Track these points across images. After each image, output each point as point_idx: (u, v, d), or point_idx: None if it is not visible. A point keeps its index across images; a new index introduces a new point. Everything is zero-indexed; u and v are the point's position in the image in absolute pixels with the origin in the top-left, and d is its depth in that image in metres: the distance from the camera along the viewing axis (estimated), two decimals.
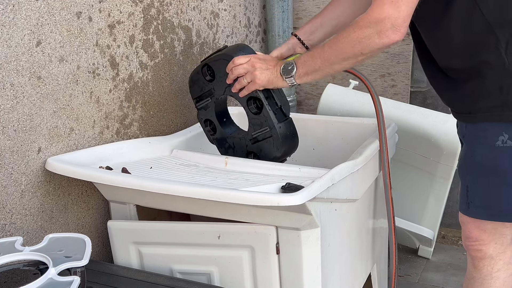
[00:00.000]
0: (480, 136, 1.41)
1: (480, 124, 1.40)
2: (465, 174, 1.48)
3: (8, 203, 1.38)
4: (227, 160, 1.60)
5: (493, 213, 1.44)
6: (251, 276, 1.43)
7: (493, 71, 1.35)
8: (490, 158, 1.39)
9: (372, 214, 1.79)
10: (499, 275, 1.51)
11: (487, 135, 1.38)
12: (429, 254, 2.59)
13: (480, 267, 1.53)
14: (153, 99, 1.85)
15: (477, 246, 1.51)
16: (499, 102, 1.35)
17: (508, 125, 1.35)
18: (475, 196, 1.45)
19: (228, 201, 1.26)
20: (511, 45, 1.32)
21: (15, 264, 1.15)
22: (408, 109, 2.31)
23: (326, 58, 1.40)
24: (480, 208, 1.46)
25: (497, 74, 1.34)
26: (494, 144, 1.36)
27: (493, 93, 1.36)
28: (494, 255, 1.50)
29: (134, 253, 1.52)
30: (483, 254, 1.51)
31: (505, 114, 1.35)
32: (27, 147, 1.41)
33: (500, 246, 1.50)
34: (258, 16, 2.54)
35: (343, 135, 1.92)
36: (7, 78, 1.33)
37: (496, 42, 1.32)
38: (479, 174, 1.43)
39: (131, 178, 1.42)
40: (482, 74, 1.36)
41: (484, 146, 1.40)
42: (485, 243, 1.50)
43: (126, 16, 1.69)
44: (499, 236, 1.49)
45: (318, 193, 1.28)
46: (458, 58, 1.39)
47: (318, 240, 1.37)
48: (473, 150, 1.44)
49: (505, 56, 1.32)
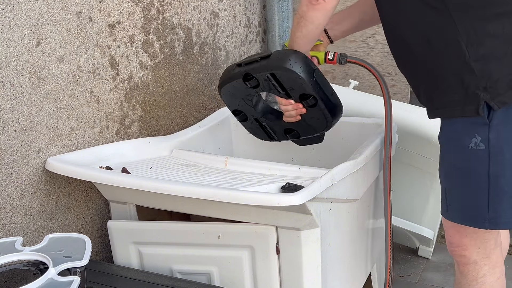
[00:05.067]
0: (452, 138, 1.38)
1: (450, 121, 1.37)
2: (442, 176, 1.44)
3: (8, 203, 1.38)
4: (227, 160, 1.60)
5: (467, 217, 1.40)
6: (251, 276, 1.43)
7: (454, 65, 1.31)
8: (463, 160, 1.35)
9: (372, 214, 1.79)
10: (485, 280, 1.46)
11: (459, 137, 1.35)
12: (429, 254, 2.59)
13: (465, 272, 1.48)
14: (153, 99, 1.85)
15: (459, 251, 1.47)
16: (461, 96, 1.31)
17: (480, 127, 1.31)
18: (452, 199, 1.42)
19: (228, 201, 1.26)
20: (472, 37, 1.27)
21: (15, 264, 1.16)
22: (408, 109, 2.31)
23: (292, 41, 1.53)
24: (457, 212, 1.42)
25: (458, 68, 1.31)
26: (467, 146, 1.33)
27: (455, 87, 1.32)
28: (478, 260, 1.45)
29: (134, 253, 1.52)
30: (467, 259, 1.46)
31: (467, 109, 1.31)
32: (27, 147, 1.41)
33: (484, 251, 1.44)
34: (258, 16, 2.54)
35: (343, 135, 1.92)
36: (7, 78, 1.33)
37: (455, 34, 1.28)
38: (454, 176, 1.40)
39: (131, 178, 1.42)
40: (444, 67, 1.33)
41: (457, 148, 1.36)
42: (467, 248, 1.45)
43: (126, 16, 1.69)
44: (481, 241, 1.43)
45: (318, 193, 1.29)
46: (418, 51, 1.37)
47: (318, 240, 1.37)
48: (447, 152, 1.41)
49: (466, 49, 1.28)
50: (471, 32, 1.28)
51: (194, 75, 2.05)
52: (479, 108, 1.29)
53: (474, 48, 1.28)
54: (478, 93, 1.29)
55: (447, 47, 1.32)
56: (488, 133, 1.30)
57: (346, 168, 1.46)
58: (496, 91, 1.28)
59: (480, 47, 1.28)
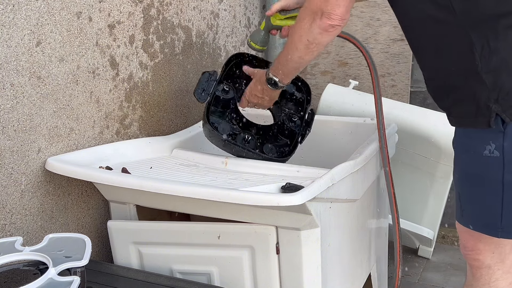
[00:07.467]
0: (466, 144, 1.38)
1: (465, 131, 1.38)
2: (456, 181, 1.45)
3: (8, 203, 1.38)
4: (227, 160, 1.60)
5: (479, 225, 1.40)
6: (251, 276, 1.43)
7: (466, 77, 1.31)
8: (477, 167, 1.35)
9: (372, 214, 1.79)
10: (498, 285, 1.46)
11: (473, 144, 1.34)
12: (429, 254, 2.59)
13: (478, 276, 1.48)
14: (153, 99, 1.85)
15: (474, 255, 1.47)
16: (473, 108, 1.32)
17: (495, 135, 1.30)
18: (466, 203, 1.42)
19: (228, 201, 1.26)
20: (485, 49, 1.28)
21: (15, 264, 1.15)
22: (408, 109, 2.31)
23: (286, 56, 1.51)
24: (470, 218, 1.42)
25: (470, 80, 1.31)
26: (481, 153, 1.32)
27: (467, 99, 1.33)
28: (492, 265, 1.45)
29: (134, 253, 1.52)
30: (481, 263, 1.46)
31: (479, 120, 1.31)
32: (27, 147, 1.41)
33: (498, 256, 1.44)
34: (258, 16, 2.54)
35: (343, 135, 1.92)
36: (7, 78, 1.33)
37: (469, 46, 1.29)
38: (467, 182, 1.40)
39: (131, 178, 1.42)
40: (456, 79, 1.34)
41: (470, 154, 1.36)
42: (481, 253, 1.45)
43: (126, 16, 1.69)
44: (496, 246, 1.43)
45: (318, 193, 1.28)
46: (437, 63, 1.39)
47: (318, 240, 1.37)
48: (461, 158, 1.41)
49: (478, 60, 1.28)
50: (484, 44, 1.28)
51: (194, 75, 2.05)
52: (491, 120, 1.29)
53: (486, 60, 1.28)
54: (489, 105, 1.29)
55: (459, 60, 1.32)
56: (502, 141, 1.30)
57: (346, 168, 1.46)
58: (507, 103, 1.28)
59: (492, 60, 1.28)
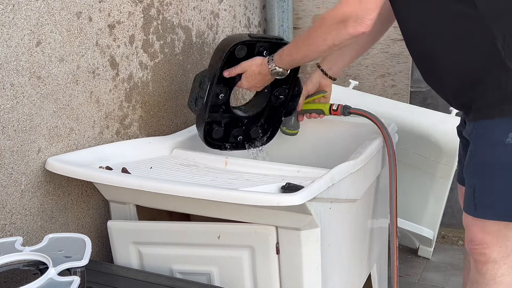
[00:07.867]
0: (487, 133, 1.39)
1: (485, 122, 1.39)
2: (471, 174, 1.46)
3: (8, 203, 1.38)
4: (227, 160, 1.60)
5: (498, 212, 1.42)
6: (251, 276, 1.42)
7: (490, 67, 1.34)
8: (499, 156, 1.37)
9: (372, 214, 1.79)
10: (503, 280, 1.48)
11: (494, 132, 1.36)
12: (429, 254, 2.59)
13: (484, 271, 1.50)
14: (153, 99, 1.85)
15: (480, 249, 1.48)
16: (499, 97, 1.34)
17: None
18: (482, 196, 1.43)
19: (228, 201, 1.26)
20: (508, 39, 1.31)
21: (15, 264, 1.15)
22: (408, 109, 2.31)
23: (304, 54, 1.52)
24: (487, 208, 1.43)
25: (494, 69, 1.34)
26: (504, 141, 1.34)
27: (492, 89, 1.35)
28: (498, 259, 1.47)
29: (134, 253, 1.52)
30: (487, 258, 1.48)
31: (505, 108, 1.34)
32: (27, 147, 1.41)
33: (505, 250, 1.47)
34: (258, 16, 2.54)
35: (343, 135, 1.92)
36: (7, 78, 1.33)
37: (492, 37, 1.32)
38: (486, 173, 1.41)
39: (131, 178, 1.42)
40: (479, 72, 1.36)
41: (492, 144, 1.38)
42: (488, 246, 1.47)
43: (126, 16, 1.69)
44: (503, 239, 1.46)
45: (318, 193, 1.28)
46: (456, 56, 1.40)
47: (318, 240, 1.37)
48: (481, 149, 1.42)
49: (502, 49, 1.32)
50: (506, 34, 1.31)
51: (194, 75, 2.05)
52: None
53: (510, 48, 1.31)
54: None
55: (482, 52, 1.34)
56: None
57: (346, 168, 1.46)
58: None
59: None
